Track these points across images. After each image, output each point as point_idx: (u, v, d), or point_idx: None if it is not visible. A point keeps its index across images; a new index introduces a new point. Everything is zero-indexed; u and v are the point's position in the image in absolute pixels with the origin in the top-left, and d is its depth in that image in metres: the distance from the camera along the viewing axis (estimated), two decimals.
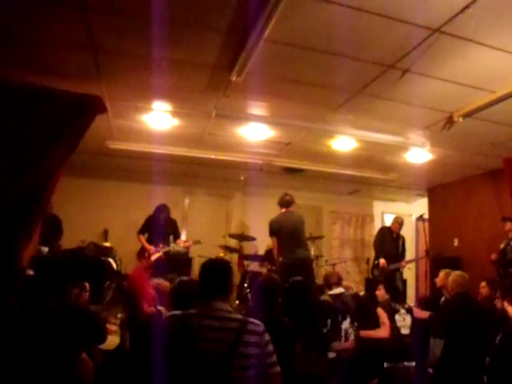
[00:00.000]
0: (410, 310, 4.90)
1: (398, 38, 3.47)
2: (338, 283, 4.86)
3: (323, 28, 3.39)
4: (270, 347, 2.25)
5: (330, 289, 4.81)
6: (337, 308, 4.37)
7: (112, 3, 3.21)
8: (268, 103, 4.98)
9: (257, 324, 2.25)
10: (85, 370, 2.29)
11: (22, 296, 2.41)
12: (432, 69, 3.94)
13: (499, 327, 3.87)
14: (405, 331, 4.68)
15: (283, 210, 6.28)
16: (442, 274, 5.43)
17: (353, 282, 9.63)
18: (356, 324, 4.42)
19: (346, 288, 5.04)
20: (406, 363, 4.30)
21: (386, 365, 4.23)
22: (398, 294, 6.92)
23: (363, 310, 4.63)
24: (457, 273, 4.51)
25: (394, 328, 4.63)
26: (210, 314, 2.21)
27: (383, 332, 4.52)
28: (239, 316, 2.30)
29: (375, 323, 4.60)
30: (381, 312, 4.65)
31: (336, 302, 4.51)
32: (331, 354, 4.07)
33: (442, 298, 5.25)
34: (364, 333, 4.43)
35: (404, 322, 4.72)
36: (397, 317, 4.72)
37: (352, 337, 4.34)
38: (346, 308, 4.46)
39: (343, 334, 4.27)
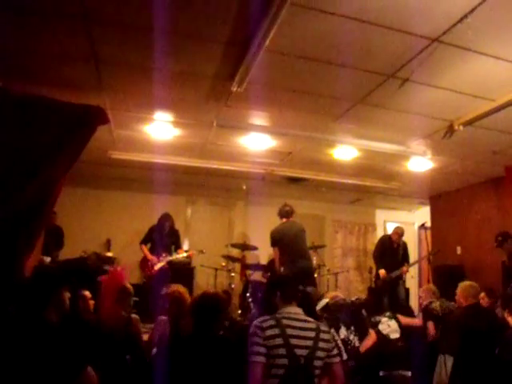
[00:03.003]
0: (392, 316, 4.87)
1: (397, 47, 3.50)
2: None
3: (323, 38, 3.42)
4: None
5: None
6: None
7: (114, 15, 3.25)
8: (269, 113, 5.00)
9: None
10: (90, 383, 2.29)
11: (19, 310, 2.40)
12: (432, 78, 3.97)
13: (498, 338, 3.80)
14: (394, 335, 4.65)
15: (284, 220, 6.28)
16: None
17: (355, 291, 9.64)
18: (353, 328, 4.39)
19: (332, 297, 4.99)
20: (401, 371, 4.26)
21: (381, 373, 4.20)
22: (398, 304, 6.90)
23: (357, 316, 4.58)
24: (466, 283, 4.42)
25: (382, 337, 4.60)
26: (294, 318, 2.74)
27: (370, 341, 4.49)
28: (311, 318, 2.83)
29: (366, 330, 4.58)
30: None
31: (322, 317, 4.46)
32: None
33: None
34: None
35: (390, 328, 4.70)
36: (380, 326, 4.69)
37: (357, 342, 4.31)
38: (335, 318, 4.41)
39: (341, 345, 4.17)
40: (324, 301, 4.70)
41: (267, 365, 2.57)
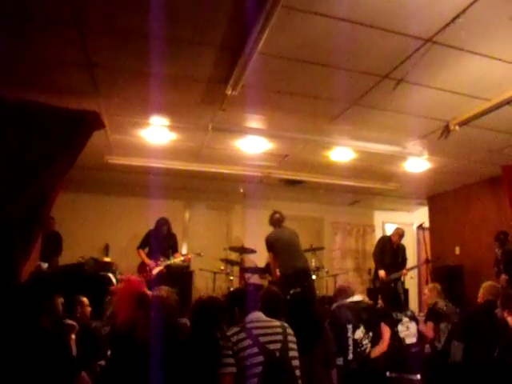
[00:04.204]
0: (413, 317, 4.74)
1: (391, 48, 3.50)
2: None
3: (316, 40, 3.42)
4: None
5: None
6: (341, 318, 4.23)
7: (107, 21, 3.26)
8: (264, 116, 5.00)
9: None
10: None
11: (14, 316, 2.40)
12: (426, 78, 3.97)
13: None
14: (410, 340, 4.53)
15: (275, 228, 6.39)
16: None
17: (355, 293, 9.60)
18: (371, 334, 4.30)
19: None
20: (410, 376, 4.21)
21: (388, 374, 4.16)
22: (399, 303, 6.86)
23: (374, 322, 4.49)
24: (489, 283, 4.54)
25: (397, 339, 4.52)
26: (257, 321, 2.87)
27: (381, 347, 4.41)
28: (274, 320, 2.96)
29: (378, 336, 4.49)
30: (384, 327, 4.52)
31: (347, 311, 4.36)
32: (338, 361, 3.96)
33: None
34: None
35: (408, 330, 4.55)
36: (399, 327, 4.59)
37: (368, 349, 4.23)
38: (359, 317, 4.35)
39: (351, 343, 4.12)
40: (358, 297, 4.58)
41: (242, 369, 2.62)
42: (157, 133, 5.51)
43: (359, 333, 4.20)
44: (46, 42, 3.54)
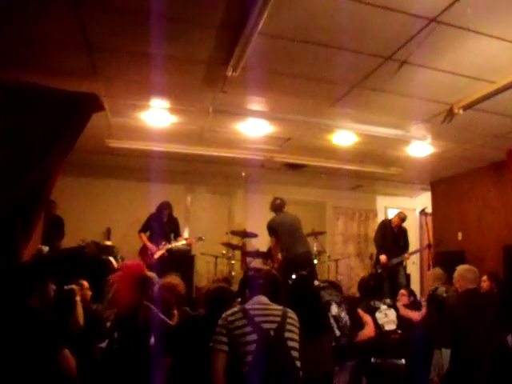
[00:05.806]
0: (391, 305, 4.77)
1: (394, 28, 3.43)
2: None
3: (318, 20, 3.35)
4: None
5: None
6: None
7: (105, 1, 3.19)
8: (265, 98, 4.94)
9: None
10: (66, 366, 2.33)
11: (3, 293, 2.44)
12: (430, 59, 3.90)
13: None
14: (389, 327, 4.54)
15: (277, 213, 6.49)
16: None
17: (356, 278, 9.62)
18: (344, 306, 4.40)
19: None
20: (394, 360, 4.20)
21: (373, 360, 4.17)
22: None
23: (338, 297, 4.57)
24: (464, 267, 4.17)
25: (376, 326, 4.53)
26: (257, 303, 2.95)
27: (368, 331, 4.45)
28: (277, 305, 3.01)
29: (359, 324, 4.56)
30: (361, 313, 4.59)
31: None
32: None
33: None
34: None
35: (387, 317, 4.57)
36: (377, 314, 4.59)
37: (348, 321, 4.31)
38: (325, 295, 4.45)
39: (333, 321, 4.21)
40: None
41: (237, 347, 2.69)
42: (157, 115, 5.46)
43: (334, 308, 4.29)
44: (43, 23, 3.48)
